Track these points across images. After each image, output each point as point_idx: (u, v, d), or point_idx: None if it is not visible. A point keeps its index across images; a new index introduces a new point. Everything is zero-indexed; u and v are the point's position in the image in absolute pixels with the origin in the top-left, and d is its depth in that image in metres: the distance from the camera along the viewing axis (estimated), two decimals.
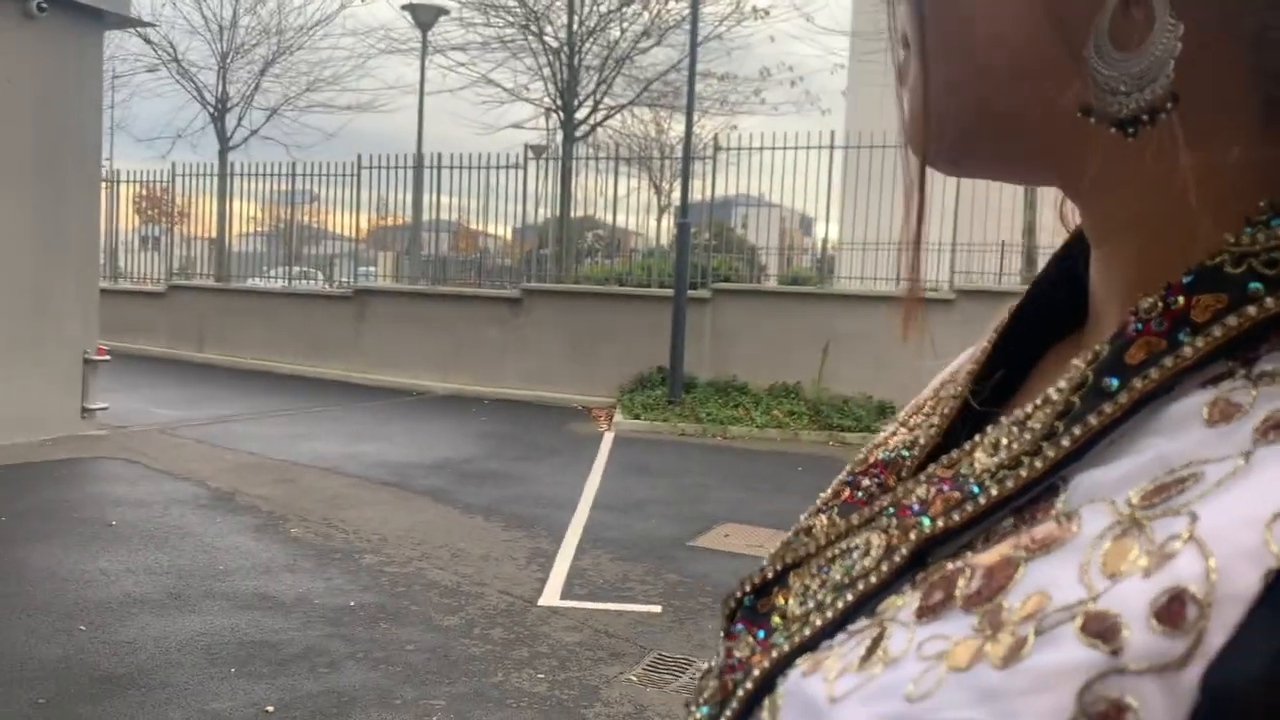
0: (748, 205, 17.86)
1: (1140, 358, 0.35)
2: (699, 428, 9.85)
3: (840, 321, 10.43)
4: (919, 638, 0.34)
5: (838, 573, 0.42)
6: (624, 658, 4.42)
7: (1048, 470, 0.36)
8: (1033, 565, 0.32)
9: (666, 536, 6.29)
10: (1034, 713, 0.29)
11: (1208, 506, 0.29)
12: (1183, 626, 0.27)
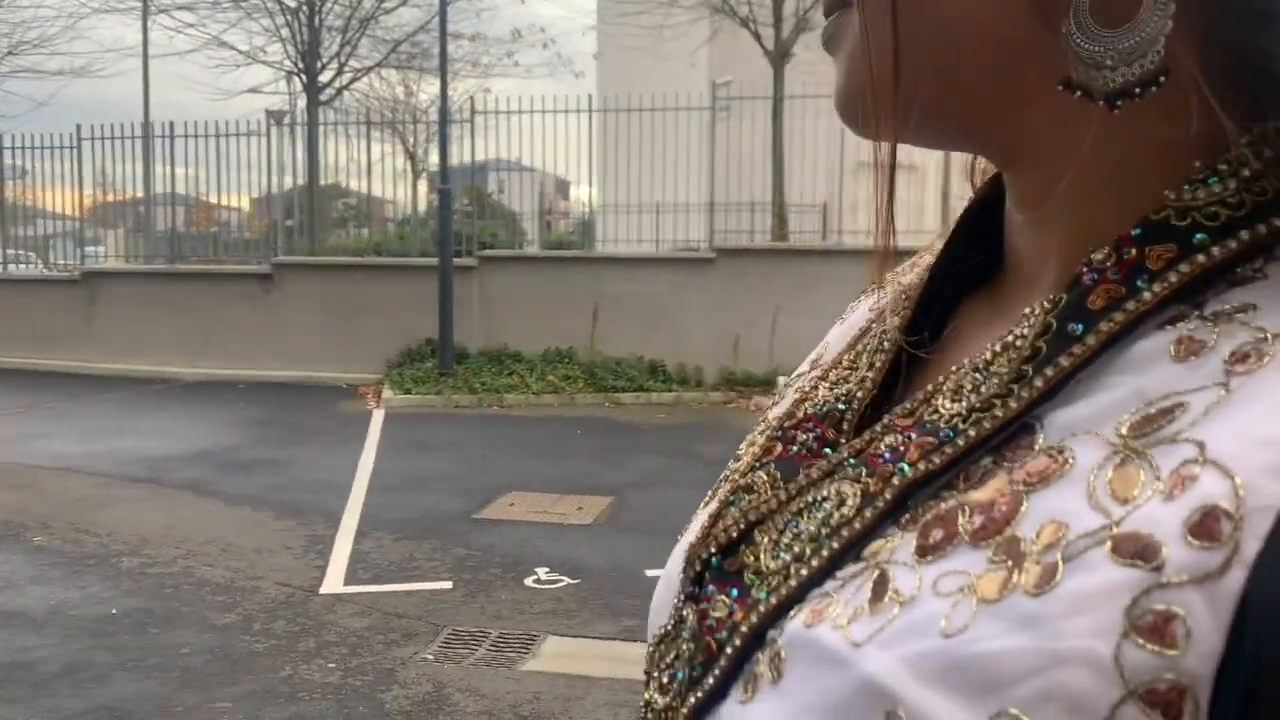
0: (504, 170, 17.70)
1: (1101, 304, 0.37)
2: (474, 398, 9.73)
3: (608, 284, 10.54)
4: (929, 576, 0.35)
5: (811, 524, 0.42)
6: (417, 637, 4.32)
7: (1022, 410, 0.37)
8: (1034, 497, 0.34)
9: (450, 511, 6.18)
10: (1078, 632, 0.30)
11: (1209, 433, 0.31)
12: (1219, 539, 0.29)
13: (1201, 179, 0.36)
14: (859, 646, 0.35)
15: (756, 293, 10.18)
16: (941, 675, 0.32)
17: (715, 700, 0.41)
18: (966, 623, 0.32)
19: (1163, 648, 0.29)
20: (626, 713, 3.62)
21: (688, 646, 0.44)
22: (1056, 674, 0.30)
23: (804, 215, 13.61)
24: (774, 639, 0.39)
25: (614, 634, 4.36)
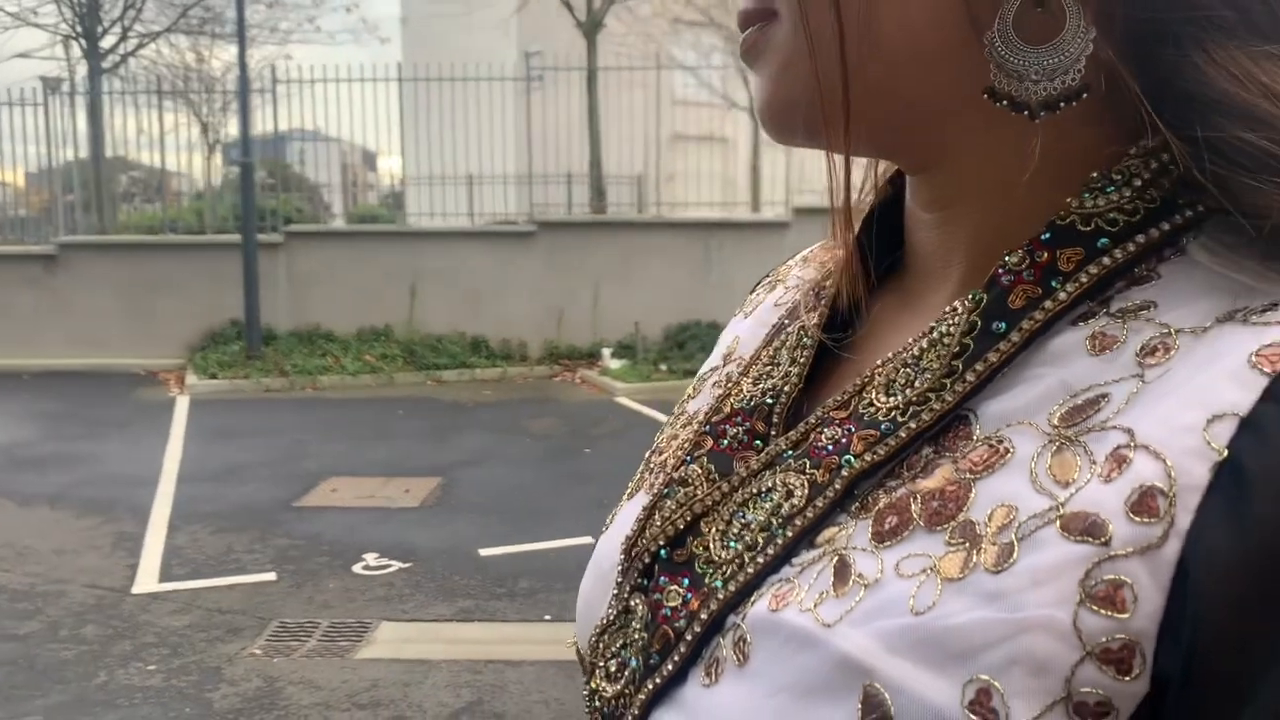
0: (306, 141, 16.97)
1: (1021, 303, 0.40)
2: (286, 381, 9.35)
3: (425, 260, 10.31)
4: (889, 560, 0.38)
5: (759, 514, 0.44)
6: (243, 632, 4.15)
7: (957, 403, 0.40)
8: (981, 484, 0.37)
9: (269, 500, 5.95)
10: (1039, 603, 0.33)
11: (1135, 420, 0.35)
12: (1157, 514, 0.33)
13: (1099, 187, 0.40)
14: (830, 626, 0.37)
15: (578, 265, 10.20)
16: (914, 648, 0.35)
17: (674, 685, 0.43)
18: (934, 600, 0.35)
19: (1114, 612, 0.33)
20: (468, 692, 3.60)
21: (640, 636, 0.46)
22: (1021, 641, 0.33)
23: (620, 187, 13.72)
24: (736, 624, 0.41)
25: (450, 616, 4.31)
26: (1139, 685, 0.33)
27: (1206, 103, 0.37)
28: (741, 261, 10.29)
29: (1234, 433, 0.33)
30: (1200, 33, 0.37)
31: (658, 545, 0.47)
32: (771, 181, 14.03)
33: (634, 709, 0.45)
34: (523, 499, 5.93)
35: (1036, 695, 0.33)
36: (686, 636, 0.43)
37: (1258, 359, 0.34)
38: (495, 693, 3.61)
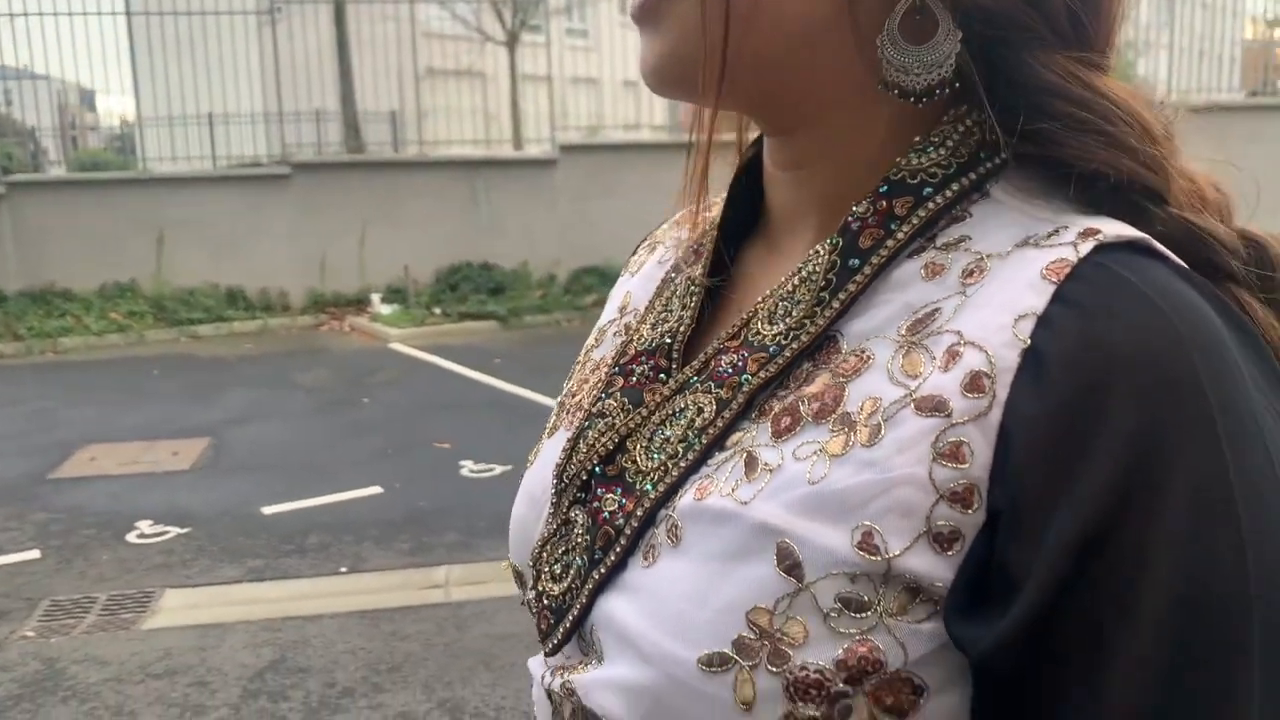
0: (12, 79, 15.34)
1: (869, 243, 0.51)
2: (21, 346, 8.60)
3: (172, 207, 9.65)
4: (787, 450, 0.48)
5: (676, 430, 0.54)
6: (10, 615, 3.90)
7: (827, 326, 0.52)
8: (851, 385, 0.48)
9: (20, 474, 5.53)
10: (903, 464, 0.44)
11: (961, 325, 0.46)
12: (984, 391, 0.44)
13: (922, 148, 0.51)
14: (746, 504, 0.47)
15: (339, 208, 9.85)
16: (813, 510, 0.45)
17: (616, 572, 0.52)
18: (825, 473, 0.46)
19: (958, 464, 0.43)
20: (269, 651, 3.56)
21: (583, 539, 0.55)
22: (892, 493, 0.44)
23: (377, 125, 13.28)
24: (668, 515, 0.51)
25: (240, 577, 4.21)
26: (979, 516, 0.43)
27: (1036, 89, 0.49)
28: (510, 200, 10.26)
29: (1033, 327, 0.44)
30: (1031, 43, 0.50)
31: (591, 464, 0.57)
32: (535, 118, 13.98)
33: (581, 598, 0.53)
34: (302, 454, 5.80)
35: (906, 531, 0.44)
36: (626, 531, 0.52)
37: (1047, 272, 0.45)
38: (298, 648, 3.59)
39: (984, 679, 0.45)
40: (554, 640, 0.56)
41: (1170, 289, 0.44)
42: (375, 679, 3.36)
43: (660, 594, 0.49)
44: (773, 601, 0.45)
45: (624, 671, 0.50)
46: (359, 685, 3.33)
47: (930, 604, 0.44)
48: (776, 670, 0.45)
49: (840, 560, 0.45)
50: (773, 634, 0.45)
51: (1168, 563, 0.41)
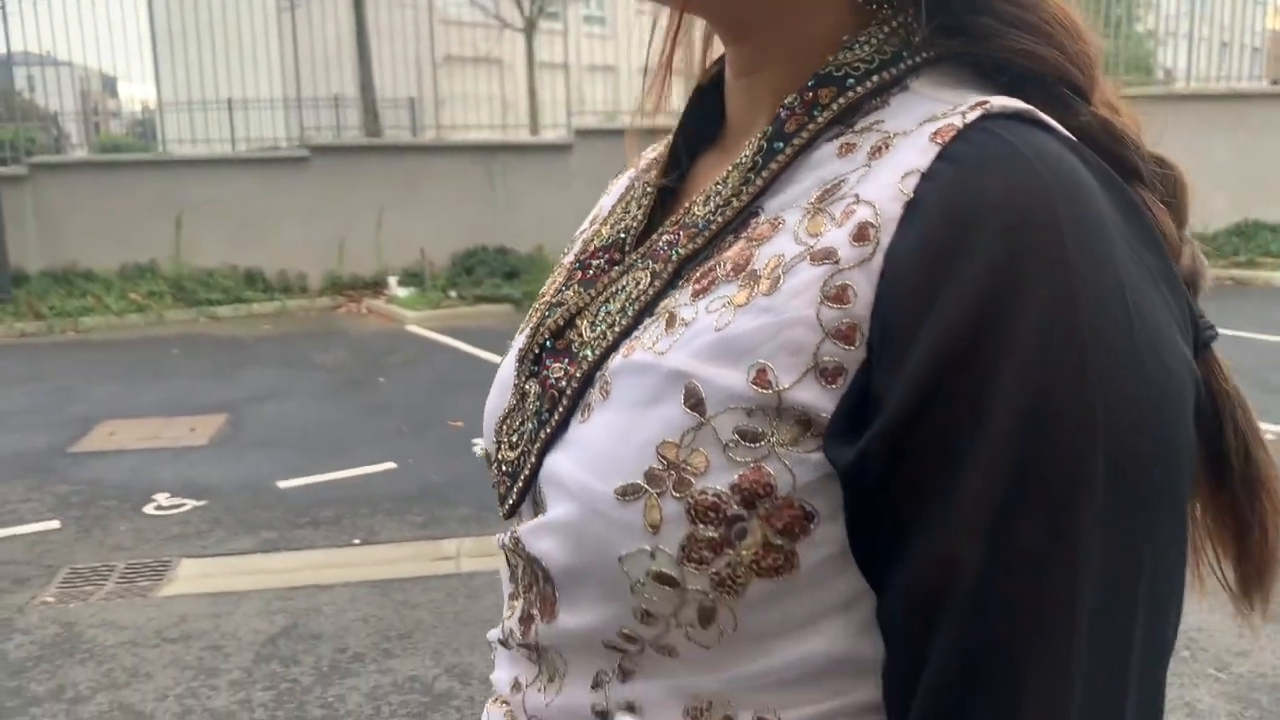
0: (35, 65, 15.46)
1: (793, 128, 0.56)
2: (43, 325, 8.71)
3: (191, 190, 9.74)
4: (702, 306, 0.53)
5: (616, 303, 0.59)
6: (30, 582, 3.98)
7: (749, 202, 0.57)
8: (762, 248, 0.53)
9: (41, 448, 5.62)
10: (795, 307, 0.49)
11: (861, 189, 0.51)
12: (869, 239, 0.48)
13: (850, 46, 0.56)
14: (663, 354, 0.52)
15: (357, 192, 9.91)
16: (717, 355, 0.50)
17: (560, 432, 0.57)
18: (729, 321, 0.51)
19: (842, 305, 0.48)
20: (282, 618, 3.62)
21: (534, 405, 0.60)
22: (784, 334, 0.49)
23: (394, 111, 13.34)
24: (602, 375, 0.56)
25: (254, 548, 4.28)
26: (860, 352, 0.48)
27: None
28: (526, 184, 10.30)
29: (917, 182, 0.48)
30: None
31: (543, 339, 0.62)
32: (551, 105, 13.99)
33: (531, 459, 0.59)
34: (318, 431, 5.87)
35: (795, 367, 0.49)
36: (568, 392, 0.58)
37: (934, 136, 0.49)
38: (310, 615, 3.65)
39: (851, 493, 0.48)
40: (509, 502, 0.61)
41: (1045, 149, 0.48)
42: (385, 645, 3.41)
43: (590, 443, 0.54)
44: (679, 436, 0.50)
45: (556, 513, 0.55)
46: (369, 651, 3.38)
47: (819, 437, 0.49)
48: (680, 496, 0.50)
49: (738, 396, 0.49)
50: (678, 465, 0.50)
51: (1016, 381, 0.44)
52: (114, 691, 3.18)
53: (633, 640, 0.54)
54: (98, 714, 3.06)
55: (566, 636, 0.57)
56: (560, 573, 0.56)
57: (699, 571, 0.50)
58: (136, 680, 3.24)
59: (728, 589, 0.50)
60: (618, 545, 0.51)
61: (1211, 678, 3.12)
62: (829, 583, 0.50)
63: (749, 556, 0.49)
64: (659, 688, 0.54)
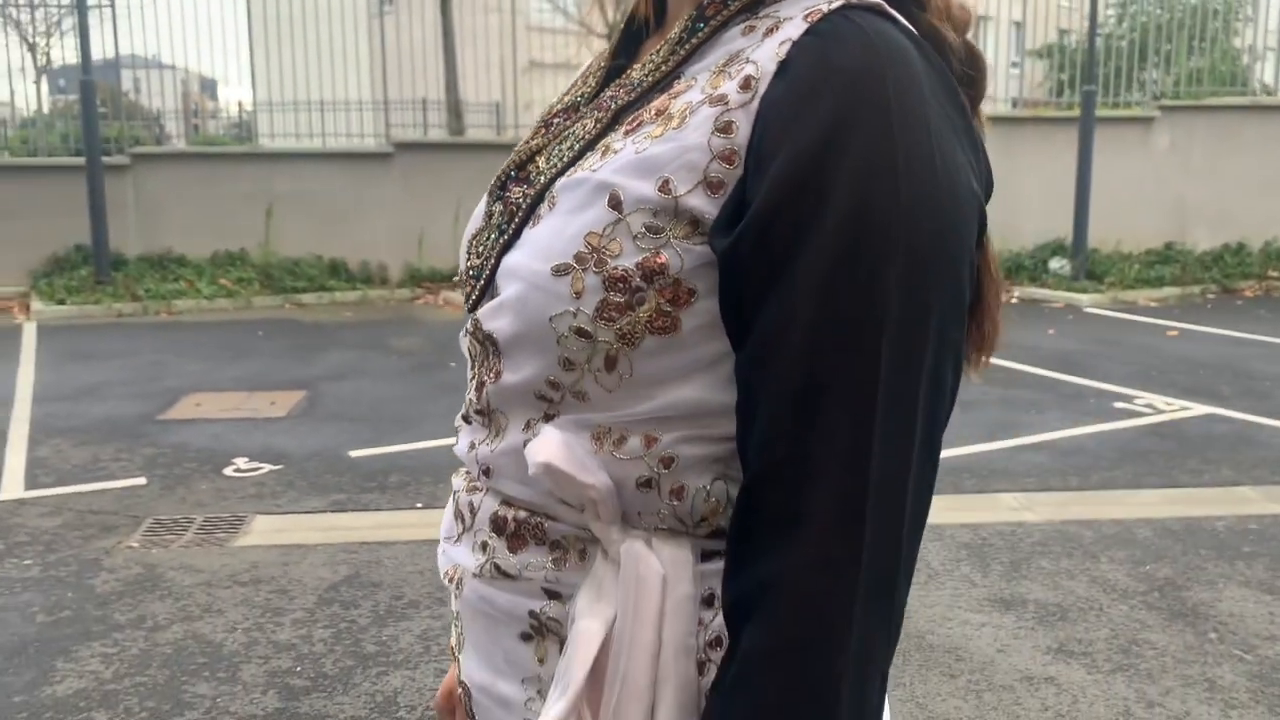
0: (141, 68, 16.17)
1: (712, 13, 0.75)
2: (139, 306, 9.17)
3: (280, 182, 10.16)
4: (630, 140, 0.72)
5: (567, 142, 0.78)
6: (117, 529, 4.27)
7: (675, 67, 0.75)
8: (678, 99, 0.72)
9: (132, 415, 5.96)
10: (695, 136, 0.67)
11: (753, 54, 0.69)
12: (751, 87, 0.67)
13: None
14: (595, 171, 0.71)
15: (437, 187, 10.23)
16: (635, 169, 0.69)
17: (515, 238, 0.75)
18: (646, 147, 0.69)
19: (727, 136, 0.66)
20: (345, 568, 3.84)
21: (498, 220, 0.78)
22: (684, 156, 0.67)
23: (478, 114, 13.70)
24: (550, 192, 0.74)
25: (323, 508, 4.51)
26: (738, 170, 0.66)
27: None
28: None
29: (790, 48, 0.67)
30: None
31: (508, 172, 0.80)
32: None
33: (491, 260, 0.77)
34: (389, 407, 6.12)
35: (690, 180, 0.67)
36: (523, 206, 0.76)
37: (806, 16, 0.68)
38: (371, 567, 3.86)
39: (725, 274, 0.66)
40: (473, 298, 0.79)
41: (884, 31, 0.66)
42: (439, 595, 3.60)
43: (537, 240, 0.73)
44: (602, 228, 0.69)
45: (507, 293, 0.73)
46: (424, 599, 3.57)
47: (704, 234, 0.67)
48: (598, 272, 0.68)
49: (647, 200, 0.68)
50: (599, 249, 0.68)
51: (846, 190, 0.62)
52: (188, 623, 3.42)
53: (556, 387, 0.72)
54: (173, 641, 3.30)
55: (507, 392, 0.75)
56: (506, 340, 0.74)
57: (608, 327, 0.68)
58: (209, 615, 3.48)
59: (627, 341, 0.68)
60: (550, 308, 0.70)
61: (1236, 658, 3.14)
62: (701, 345, 0.68)
63: (645, 317, 0.67)
64: (573, 423, 0.72)
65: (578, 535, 0.74)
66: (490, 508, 0.78)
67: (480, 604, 0.78)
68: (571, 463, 0.70)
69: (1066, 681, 3.02)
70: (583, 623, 0.71)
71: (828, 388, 0.62)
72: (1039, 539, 4.08)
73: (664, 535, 0.71)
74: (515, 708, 0.77)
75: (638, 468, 0.70)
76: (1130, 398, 6.23)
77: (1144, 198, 10.91)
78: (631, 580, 0.70)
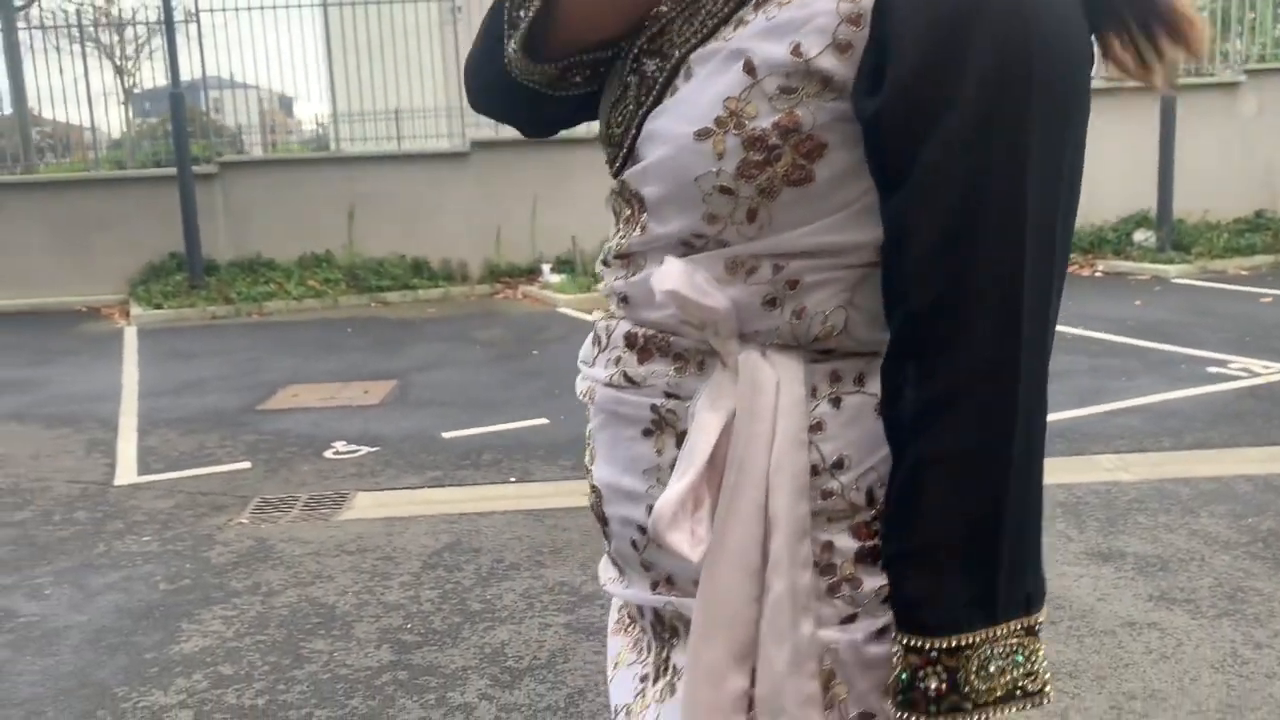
0: (221, 88, 16.66)
1: None
2: (231, 308, 9.49)
3: (361, 184, 10.42)
4: (760, 11, 0.77)
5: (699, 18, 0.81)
6: (227, 508, 4.45)
7: None
8: None
9: (233, 407, 6.20)
10: (824, 1, 0.72)
11: None
12: None
13: None
14: (729, 40, 0.77)
15: (513, 184, 10.40)
16: (767, 35, 0.74)
17: (654, 105, 0.82)
18: (776, 14, 0.75)
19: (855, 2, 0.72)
20: (446, 536, 3.96)
21: (634, 93, 0.84)
22: (814, 20, 0.74)
23: None
24: (686, 64, 0.80)
25: (421, 485, 4.65)
26: (864, 31, 0.72)
27: None
28: None
29: None
30: None
31: (642, 44, 0.85)
32: None
33: (633, 130, 0.83)
34: (478, 392, 6.26)
35: (820, 42, 0.72)
36: (659, 79, 0.82)
37: None
38: (472, 535, 3.97)
39: (872, 136, 0.72)
40: (617, 164, 0.86)
41: None
42: (538, 558, 3.70)
43: (677, 106, 0.79)
44: (739, 92, 0.75)
45: (652, 157, 0.81)
46: (524, 562, 3.67)
47: (834, 91, 0.73)
48: (738, 133, 0.75)
49: (780, 63, 0.74)
50: (738, 112, 0.75)
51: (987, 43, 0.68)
52: (301, 589, 3.57)
53: (700, 237, 0.80)
54: (288, 604, 3.44)
55: (653, 240, 0.82)
56: (654, 200, 0.81)
57: (748, 183, 0.75)
58: (320, 580, 3.62)
59: (767, 194, 0.75)
60: (694, 169, 0.77)
61: None
62: (834, 193, 0.75)
63: (782, 171, 0.74)
64: (709, 258, 0.80)
65: (698, 349, 0.81)
66: (624, 329, 0.86)
67: (609, 405, 0.87)
68: (693, 289, 0.77)
69: (1170, 627, 3.00)
70: (703, 416, 0.79)
71: (982, 223, 0.69)
72: (1135, 496, 4.04)
73: (778, 349, 0.79)
74: (638, 497, 0.85)
75: (765, 290, 0.78)
76: (1224, 362, 6.09)
77: (1231, 165, 10.62)
78: (748, 384, 0.78)
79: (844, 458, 0.78)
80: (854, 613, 0.78)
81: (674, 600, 0.85)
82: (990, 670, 0.71)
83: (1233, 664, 2.78)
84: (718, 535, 0.78)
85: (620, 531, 0.89)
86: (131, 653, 3.14)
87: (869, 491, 0.78)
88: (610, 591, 0.95)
